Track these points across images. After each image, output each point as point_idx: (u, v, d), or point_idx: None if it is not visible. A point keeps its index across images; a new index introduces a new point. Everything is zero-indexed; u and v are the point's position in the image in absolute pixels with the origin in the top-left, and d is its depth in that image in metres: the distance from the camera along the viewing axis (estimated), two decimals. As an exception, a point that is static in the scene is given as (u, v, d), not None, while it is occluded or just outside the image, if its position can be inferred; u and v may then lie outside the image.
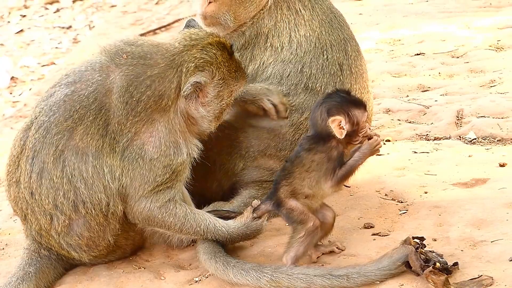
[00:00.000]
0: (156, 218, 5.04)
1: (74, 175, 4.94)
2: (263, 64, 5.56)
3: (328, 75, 5.46)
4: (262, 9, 5.54)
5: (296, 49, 5.48)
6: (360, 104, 4.92)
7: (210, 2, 5.46)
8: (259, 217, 5.13)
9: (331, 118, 4.85)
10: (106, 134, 4.95)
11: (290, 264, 4.82)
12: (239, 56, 5.38)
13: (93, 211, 4.98)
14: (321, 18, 5.54)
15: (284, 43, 5.50)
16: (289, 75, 5.51)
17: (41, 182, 4.98)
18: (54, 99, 5.03)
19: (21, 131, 5.15)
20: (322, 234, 4.98)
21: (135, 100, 4.95)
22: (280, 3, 5.54)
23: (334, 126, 4.84)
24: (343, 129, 4.83)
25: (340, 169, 4.85)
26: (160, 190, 5.00)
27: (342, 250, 4.99)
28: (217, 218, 5.17)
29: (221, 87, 5.09)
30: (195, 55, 5.03)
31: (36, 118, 5.05)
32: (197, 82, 4.96)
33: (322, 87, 5.46)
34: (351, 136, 4.88)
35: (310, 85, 5.46)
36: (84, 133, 4.94)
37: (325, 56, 5.49)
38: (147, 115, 4.97)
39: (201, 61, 5.02)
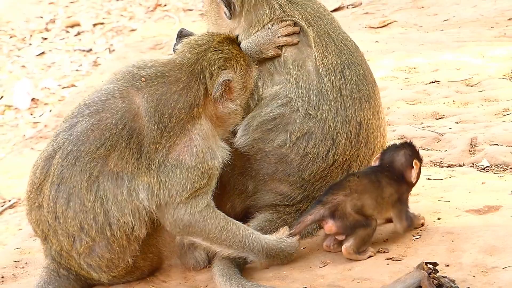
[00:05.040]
0: (198, 223, 5.07)
1: (109, 198, 4.99)
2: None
3: (328, 100, 5.40)
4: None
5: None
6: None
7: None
8: (294, 236, 5.21)
9: (415, 161, 5.23)
10: (141, 156, 5.02)
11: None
12: None
13: (118, 233, 5.03)
14: (314, 41, 5.49)
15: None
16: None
17: (68, 206, 5.02)
18: (79, 128, 5.06)
19: (42, 160, 5.15)
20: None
21: (167, 117, 5.04)
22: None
23: (416, 169, 5.24)
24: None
25: (408, 217, 5.27)
26: (198, 195, 5.05)
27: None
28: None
29: (244, 78, 5.24)
30: (212, 58, 5.15)
31: (60, 147, 5.07)
32: (226, 80, 5.10)
33: (323, 114, 5.40)
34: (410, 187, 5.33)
35: (306, 110, 5.42)
36: (119, 159, 5.00)
37: (321, 80, 5.43)
38: (179, 128, 5.05)
39: (221, 60, 5.14)
